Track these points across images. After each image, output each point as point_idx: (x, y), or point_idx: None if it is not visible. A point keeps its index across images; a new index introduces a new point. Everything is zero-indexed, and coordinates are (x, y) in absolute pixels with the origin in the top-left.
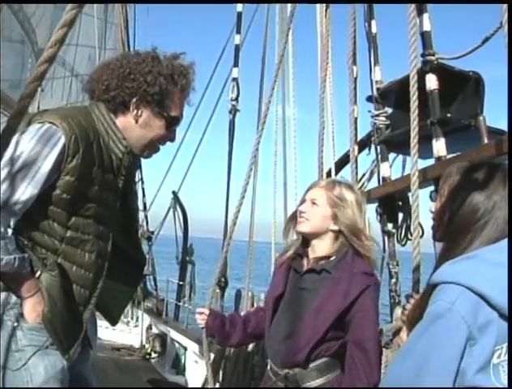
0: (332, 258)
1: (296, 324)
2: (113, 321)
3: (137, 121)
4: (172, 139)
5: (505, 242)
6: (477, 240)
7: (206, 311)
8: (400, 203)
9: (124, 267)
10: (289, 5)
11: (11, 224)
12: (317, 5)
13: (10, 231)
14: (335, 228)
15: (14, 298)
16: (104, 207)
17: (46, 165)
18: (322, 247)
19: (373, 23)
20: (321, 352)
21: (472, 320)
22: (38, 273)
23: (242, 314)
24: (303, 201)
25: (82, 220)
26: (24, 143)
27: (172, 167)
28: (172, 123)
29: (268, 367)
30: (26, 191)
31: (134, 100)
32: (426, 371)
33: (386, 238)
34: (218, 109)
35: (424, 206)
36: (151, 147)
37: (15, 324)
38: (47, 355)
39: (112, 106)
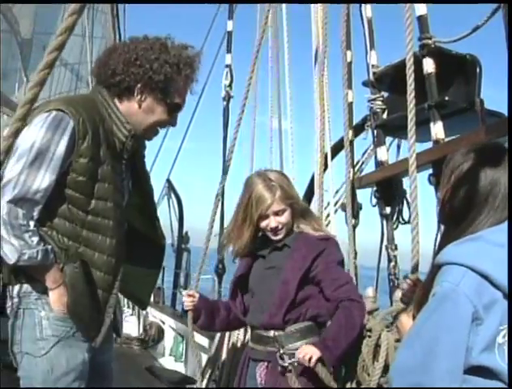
0: (291, 234)
1: (270, 297)
2: (142, 304)
3: (140, 106)
4: (174, 124)
5: (507, 223)
6: (476, 221)
7: (196, 294)
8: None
9: (143, 251)
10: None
11: (35, 214)
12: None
13: (32, 223)
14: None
15: (41, 288)
16: (117, 189)
17: (60, 150)
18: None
19: (368, 7)
20: (300, 316)
21: (477, 300)
22: (61, 265)
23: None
24: (264, 217)
25: (101, 203)
26: (35, 133)
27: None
28: (174, 109)
29: (249, 343)
30: (44, 179)
31: (139, 85)
32: (437, 353)
33: (384, 222)
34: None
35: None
36: (152, 131)
37: (42, 314)
38: (69, 346)
39: (117, 91)
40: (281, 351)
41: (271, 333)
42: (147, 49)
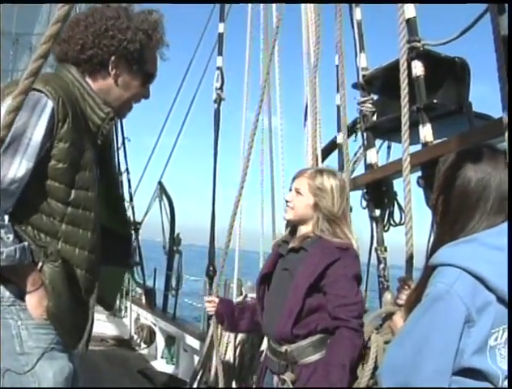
0: (311, 238)
1: (281, 302)
2: (109, 306)
3: (116, 82)
4: (147, 97)
5: (504, 226)
6: (468, 226)
7: (216, 299)
8: (384, 189)
9: (111, 248)
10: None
11: (9, 206)
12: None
13: (6, 218)
14: (316, 215)
15: (15, 292)
16: (95, 178)
17: (37, 134)
18: (304, 230)
19: (358, 10)
20: (310, 332)
21: (471, 302)
22: (40, 265)
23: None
24: (290, 190)
25: (83, 193)
26: None
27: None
28: (148, 80)
29: (266, 346)
30: (21, 166)
31: (113, 58)
32: (426, 352)
33: (373, 224)
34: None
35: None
36: (127, 107)
37: (19, 323)
38: (55, 359)
39: (88, 67)
40: (285, 376)
41: (283, 348)
42: (115, 17)
